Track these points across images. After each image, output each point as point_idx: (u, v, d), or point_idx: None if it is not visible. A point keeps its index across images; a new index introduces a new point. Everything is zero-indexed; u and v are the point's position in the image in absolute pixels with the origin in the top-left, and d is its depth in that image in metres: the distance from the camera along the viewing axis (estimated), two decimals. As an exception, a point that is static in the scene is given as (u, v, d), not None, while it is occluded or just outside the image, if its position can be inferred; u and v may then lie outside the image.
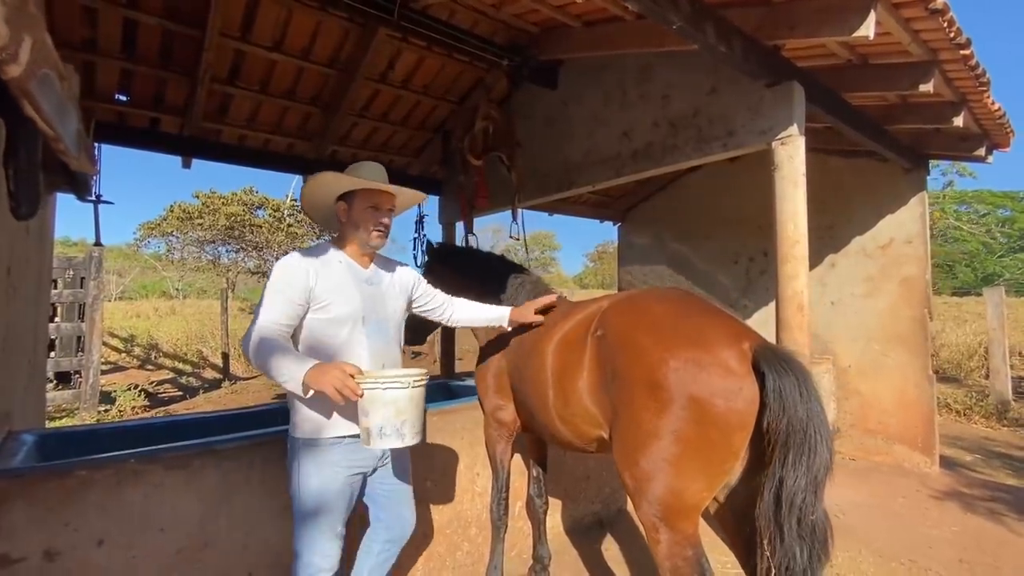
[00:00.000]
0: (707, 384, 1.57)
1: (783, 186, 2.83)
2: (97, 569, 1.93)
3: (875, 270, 5.08)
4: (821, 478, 1.48)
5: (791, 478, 1.46)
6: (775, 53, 2.91)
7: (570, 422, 2.07)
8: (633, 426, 1.71)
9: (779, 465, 1.49)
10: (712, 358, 1.59)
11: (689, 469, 1.61)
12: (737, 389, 1.55)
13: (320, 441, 1.84)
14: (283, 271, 1.84)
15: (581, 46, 3.71)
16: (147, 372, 10.07)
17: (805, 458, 1.45)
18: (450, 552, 2.90)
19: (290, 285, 1.81)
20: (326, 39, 3.81)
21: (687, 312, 1.78)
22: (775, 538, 1.48)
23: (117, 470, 1.99)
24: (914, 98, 3.78)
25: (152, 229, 25.27)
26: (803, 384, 1.50)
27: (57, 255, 6.64)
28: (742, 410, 1.55)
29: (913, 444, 4.76)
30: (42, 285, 3.16)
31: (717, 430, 1.57)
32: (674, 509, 1.64)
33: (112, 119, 3.92)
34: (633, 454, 1.70)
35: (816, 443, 1.46)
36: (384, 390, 1.63)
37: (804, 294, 2.78)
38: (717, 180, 6.28)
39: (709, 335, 1.65)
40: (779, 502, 1.48)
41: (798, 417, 1.46)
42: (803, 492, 1.45)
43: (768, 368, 1.53)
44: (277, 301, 1.79)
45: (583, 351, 1.96)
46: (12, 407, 2.48)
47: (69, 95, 1.45)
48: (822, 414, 1.50)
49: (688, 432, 1.59)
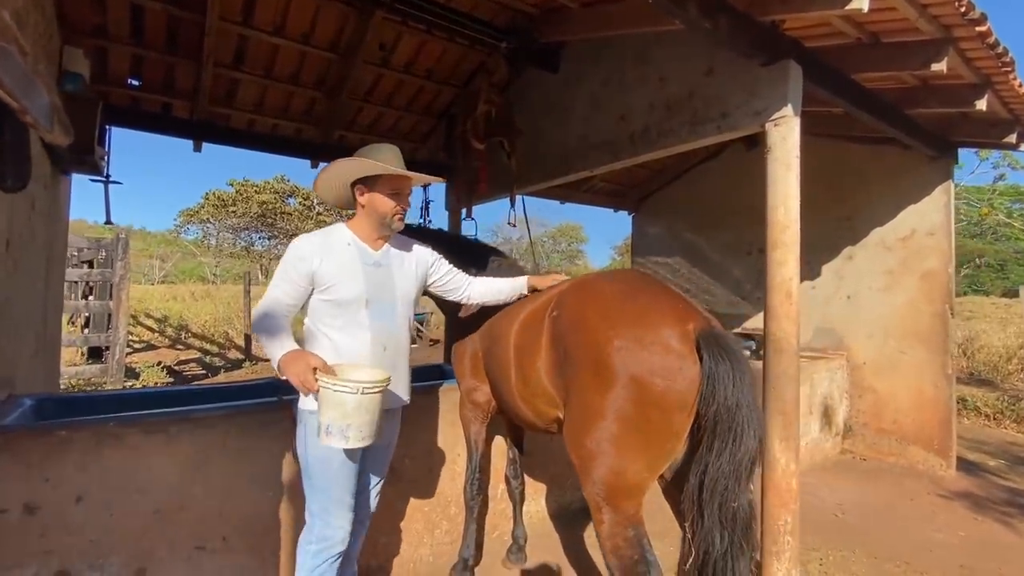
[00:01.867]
0: (647, 363, 1.54)
1: (775, 168, 2.72)
2: (75, 525, 2.04)
3: (895, 263, 4.85)
4: (745, 466, 1.45)
5: (715, 464, 1.44)
6: (772, 31, 2.78)
7: (530, 402, 2.07)
8: (581, 406, 1.70)
9: (706, 450, 1.47)
10: (654, 337, 1.56)
11: (630, 449, 1.59)
12: (677, 369, 1.52)
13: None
14: (291, 252, 1.93)
15: (580, 27, 3.64)
16: (176, 351, 10.53)
17: (730, 445, 1.43)
18: (428, 530, 2.94)
19: (295, 267, 1.90)
20: (326, 23, 3.85)
21: (636, 292, 1.74)
22: (696, 521, 1.46)
23: (96, 432, 2.10)
24: (934, 80, 3.57)
25: (191, 216, 26.37)
26: (737, 371, 1.46)
27: (88, 237, 6.99)
28: (682, 390, 1.52)
29: (928, 445, 4.55)
30: (53, 261, 3.33)
31: (657, 410, 1.54)
32: (616, 489, 1.62)
33: (126, 103, 4.08)
34: (579, 434, 1.69)
35: (742, 432, 1.43)
36: (333, 391, 1.66)
37: (793, 282, 2.68)
38: (733, 169, 6.10)
39: (654, 315, 1.61)
40: (702, 487, 1.46)
41: (727, 405, 1.44)
42: (726, 479, 1.43)
43: (707, 352, 1.49)
44: (282, 281, 1.91)
45: (541, 331, 1.95)
46: (15, 373, 2.63)
47: (35, 69, 1.52)
48: (753, 403, 1.46)
49: (629, 412, 1.56)
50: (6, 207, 2.31)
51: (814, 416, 4.74)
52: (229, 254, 27.63)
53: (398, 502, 2.83)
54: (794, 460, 2.66)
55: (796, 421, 2.68)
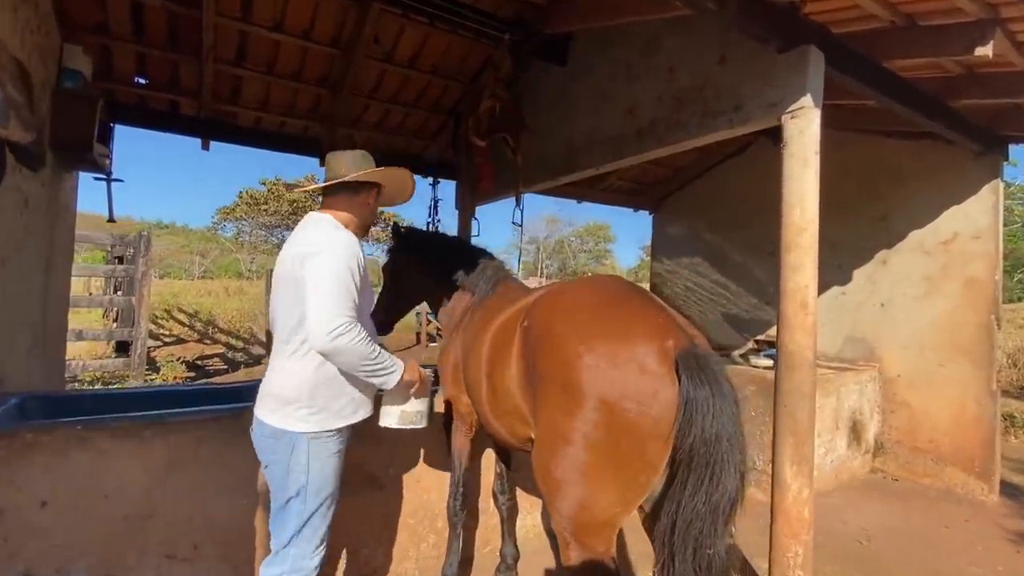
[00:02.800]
0: (619, 384, 1.36)
1: (791, 164, 2.48)
2: (40, 529, 1.99)
3: (935, 268, 4.47)
4: (723, 509, 1.25)
5: (690, 504, 1.25)
6: (790, 13, 2.54)
7: (502, 418, 1.91)
8: (548, 428, 1.53)
9: (680, 486, 1.28)
10: (628, 355, 1.38)
11: (599, 480, 1.41)
12: (651, 392, 1.33)
13: (326, 434, 1.80)
14: (349, 256, 1.72)
15: (586, 17, 3.45)
16: (203, 345, 10.78)
17: (706, 484, 1.24)
18: (414, 543, 2.82)
19: (358, 271, 1.75)
20: (326, 18, 3.77)
21: (613, 303, 1.56)
22: (668, 567, 1.27)
23: (64, 435, 2.05)
24: (979, 67, 3.23)
25: (227, 214, 27.25)
26: (719, 398, 1.26)
27: (112, 234, 7.18)
28: (657, 416, 1.33)
29: (968, 467, 4.17)
30: (54, 257, 3.35)
31: (629, 437, 1.36)
32: (584, 524, 1.45)
33: (134, 101, 4.11)
34: (546, 459, 1.53)
35: (721, 470, 1.23)
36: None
37: (809, 289, 2.43)
38: (759, 166, 5.76)
39: (630, 329, 1.43)
40: (674, 528, 1.27)
41: (704, 437, 1.25)
42: (701, 521, 1.24)
43: (686, 375, 1.30)
44: (350, 293, 1.69)
45: (512, 342, 1.79)
46: (4, 370, 2.63)
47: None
48: (736, 436, 1.26)
49: (598, 438, 1.39)
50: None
51: (841, 432, 4.42)
52: (263, 251, 28.41)
53: (381, 513, 2.72)
54: (807, 486, 2.41)
55: (810, 442, 2.43)
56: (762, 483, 3.71)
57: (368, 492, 2.65)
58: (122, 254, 8.23)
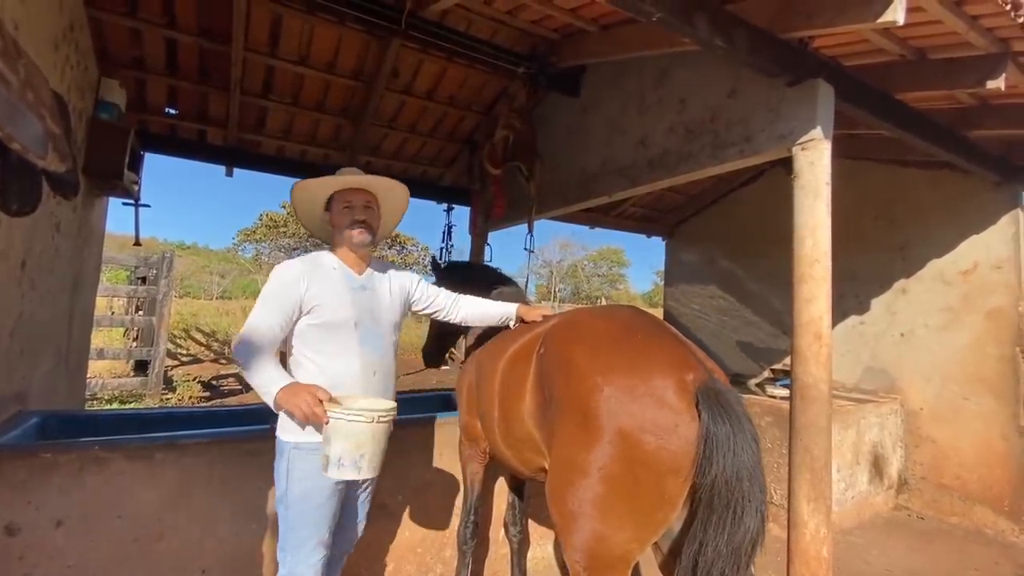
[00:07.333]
0: (638, 417, 1.35)
1: (802, 196, 2.49)
2: (54, 549, 2.02)
3: (955, 299, 4.38)
4: (745, 550, 1.22)
5: (711, 544, 1.22)
6: (799, 49, 2.58)
7: (515, 447, 1.91)
8: (563, 458, 1.52)
9: (700, 526, 1.25)
10: (646, 387, 1.37)
11: (616, 515, 1.39)
12: (671, 426, 1.33)
13: (308, 445, 1.79)
14: (276, 278, 1.86)
15: (598, 50, 3.55)
16: (220, 365, 10.90)
17: (727, 524, 1.21)
18: (421, 572, 2.78)
19: (281, 294, 1.83)
20: (348, 52, 3.93)
21: (631, 333, 1.56)
22: None
23: (80, 455, 2.09)
24: (993, 98, 3.23)
25: (247, 236, 27.85)
26: (739, 435, 1.25)
27: (137, 255, 7.39)
28: (676, 451, 1.32)
29: (998, 506, 4.00)
30: (82, 279, 3.47)
31: (647, 471, 1.35)
32: (598, 558, 1.42)
33: (164, 131, 4.29)
34: (561, 491, 1.51)
35: (742, 509, 1.21)
36: (348, 422, 1.60)
37: (823, 321, 2.41)
38: (773, 194, 5.75)
39: (649, 361, 1.43)
40: (695, 569, 1.24)
41: (725, 476, 1.23)
42: (722, 562, 1.20)
43: (706, 410, 1.29)
44: (268, 307, 1.81)
45: (527, 370, 1.80)
46: (28, 389, 2.71)
47: (22, 98, 1.56)
48: (756, 474, 1.24)
49: (615, 471, 1.38)
50: (23, 229, 2.39)
51: (862, 466, 4.29)
52: (283, 273, 28.85)
53: (388, 541, 2.69)
54: (825, 524, 2.35)
55: (828, 479, 2.37)
56: (780, 518, 3.60)
57: (377, 520, 2.63)
58: (145, 275, 8.47)
